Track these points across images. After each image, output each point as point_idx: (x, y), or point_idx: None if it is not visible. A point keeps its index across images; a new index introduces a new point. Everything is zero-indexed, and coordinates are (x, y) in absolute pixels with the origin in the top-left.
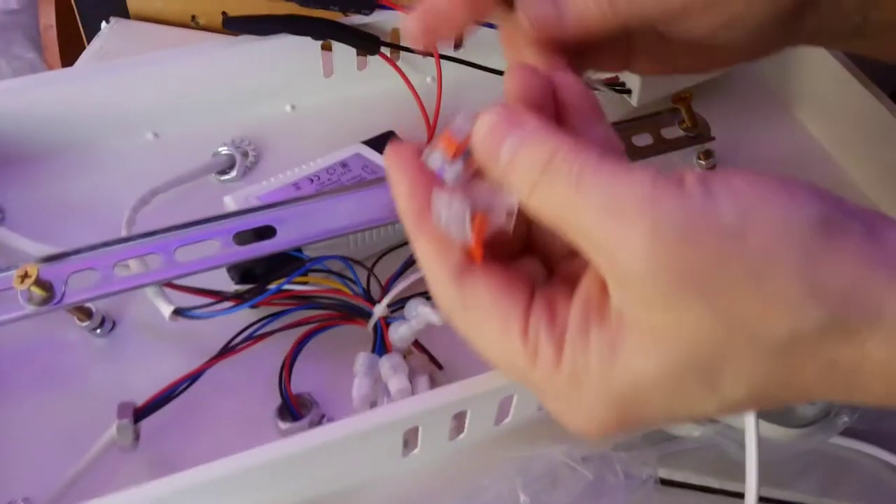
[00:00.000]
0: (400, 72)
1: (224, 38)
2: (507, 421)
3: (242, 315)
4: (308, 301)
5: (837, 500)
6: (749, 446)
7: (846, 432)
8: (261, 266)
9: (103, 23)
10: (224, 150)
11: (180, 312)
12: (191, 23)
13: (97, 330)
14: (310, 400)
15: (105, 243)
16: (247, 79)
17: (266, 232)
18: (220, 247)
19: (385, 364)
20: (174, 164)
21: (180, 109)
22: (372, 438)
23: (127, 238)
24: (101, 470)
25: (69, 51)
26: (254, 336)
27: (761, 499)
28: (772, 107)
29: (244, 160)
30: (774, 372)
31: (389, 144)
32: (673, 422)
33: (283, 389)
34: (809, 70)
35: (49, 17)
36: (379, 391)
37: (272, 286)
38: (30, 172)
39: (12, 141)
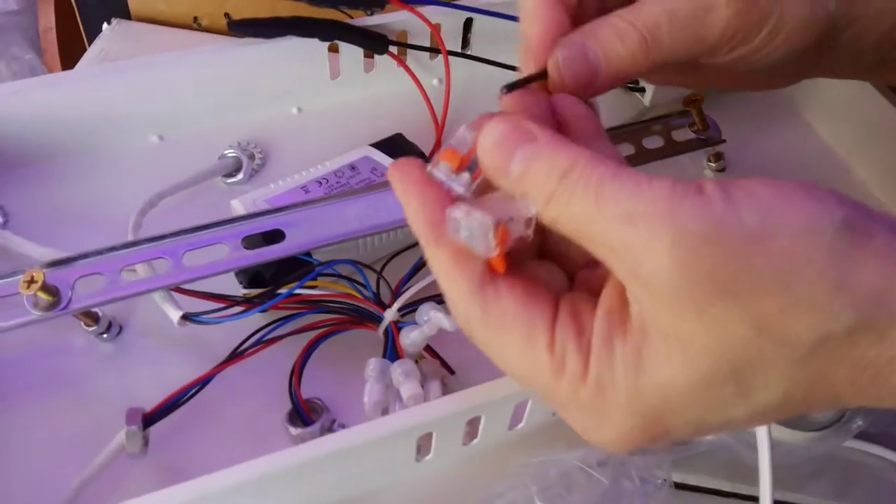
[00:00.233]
0: (409, 71)
1: (228, 40)
2: (521, 426)
3: (251, 319)
4: (318, 305)
5: None
6: (762, 450)
7: (860, 435)
8: (269, 270)
9: (104, 24)
10: (230, 153)
11: (189, 318)
12: (193, 24)
13: (104, 335)
14: (320, 405)
15: (112, 248)
16: (253, 81)
17: (275, 236)
18: (229, 251)
19: (397, 370)
20: (180, 168)
21: (185, 112)
22: (386, 445)
23: (134, 242)
24: (110, 477)
25: (69, 53)
26: (263, 341)
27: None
28: (782, 109)
29: (251, 163)
30: (804, 375)
31: (392, 164)
32: (700, 433)
33: (294, 394)
34: None
35: (49, 19)
36: (390, 397)
37: (282, 291)
38: (33, 176)
39: (15, 144)
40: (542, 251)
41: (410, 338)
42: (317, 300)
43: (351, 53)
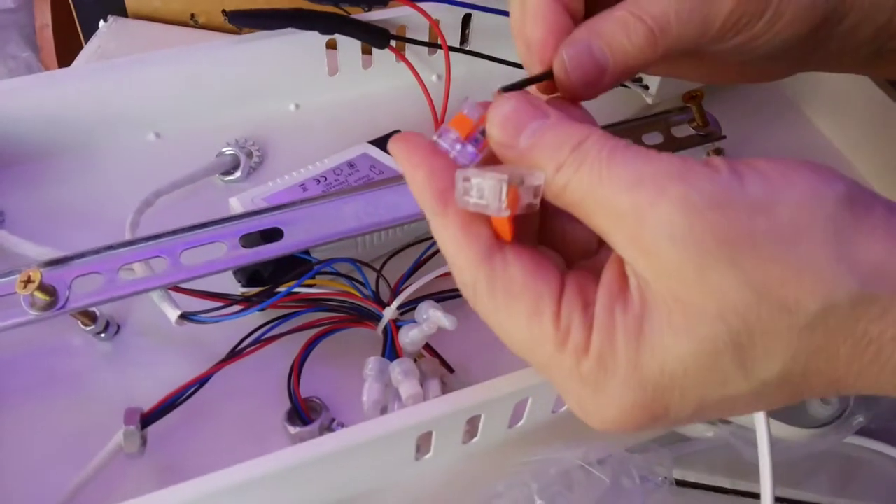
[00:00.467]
0: (410, 65)
1: (225, 37)
2: (521, 424)
3: (250, 318)
4: (316, 304)
5: (852, 500)
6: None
7: (860, 431)
8: (268, 269)
9: (101, 21)
10: (228, 151)
11: (187, 317)
12: (190, 21)
13: (102, 334)
14: (319, 404)
15: (109, 247)
16: (250, 78)
17: (273, 234)
18: (227, 250)
19: (396, 369)
20: (177, 165)
21: (182, 109)
22: (385, 444)
23: (131, 241)
24: (108, 477)
25: (65, 50)
26: (262, 339)
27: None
28: (782, 105)
29: (249, 160)
30: (804, 347)
31: (392, 137)
32: (700, 414)
33: (292, 393)
34: None
35: (45, 17)
36: (390, 396)
37: (281, 289)
38: (29, 174)
39: (11, 142)
40: (541, 241)
41: (410, 336)
42: (315, 299)
43: (349, 50)
